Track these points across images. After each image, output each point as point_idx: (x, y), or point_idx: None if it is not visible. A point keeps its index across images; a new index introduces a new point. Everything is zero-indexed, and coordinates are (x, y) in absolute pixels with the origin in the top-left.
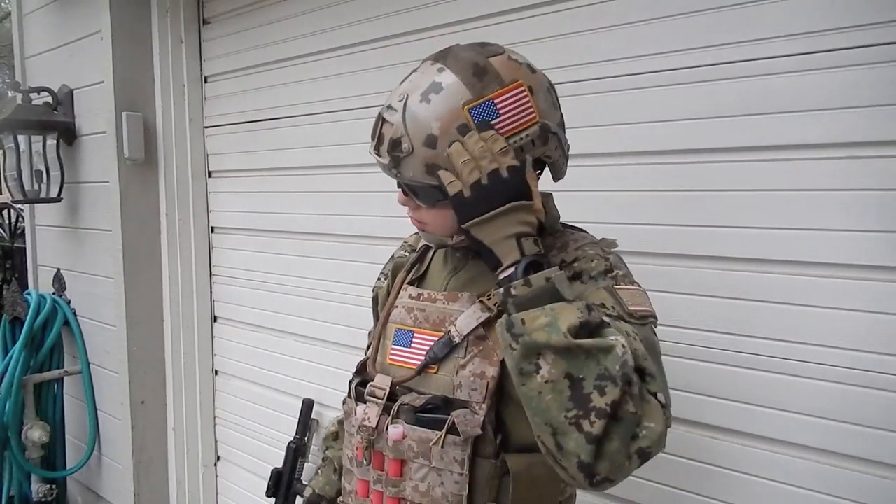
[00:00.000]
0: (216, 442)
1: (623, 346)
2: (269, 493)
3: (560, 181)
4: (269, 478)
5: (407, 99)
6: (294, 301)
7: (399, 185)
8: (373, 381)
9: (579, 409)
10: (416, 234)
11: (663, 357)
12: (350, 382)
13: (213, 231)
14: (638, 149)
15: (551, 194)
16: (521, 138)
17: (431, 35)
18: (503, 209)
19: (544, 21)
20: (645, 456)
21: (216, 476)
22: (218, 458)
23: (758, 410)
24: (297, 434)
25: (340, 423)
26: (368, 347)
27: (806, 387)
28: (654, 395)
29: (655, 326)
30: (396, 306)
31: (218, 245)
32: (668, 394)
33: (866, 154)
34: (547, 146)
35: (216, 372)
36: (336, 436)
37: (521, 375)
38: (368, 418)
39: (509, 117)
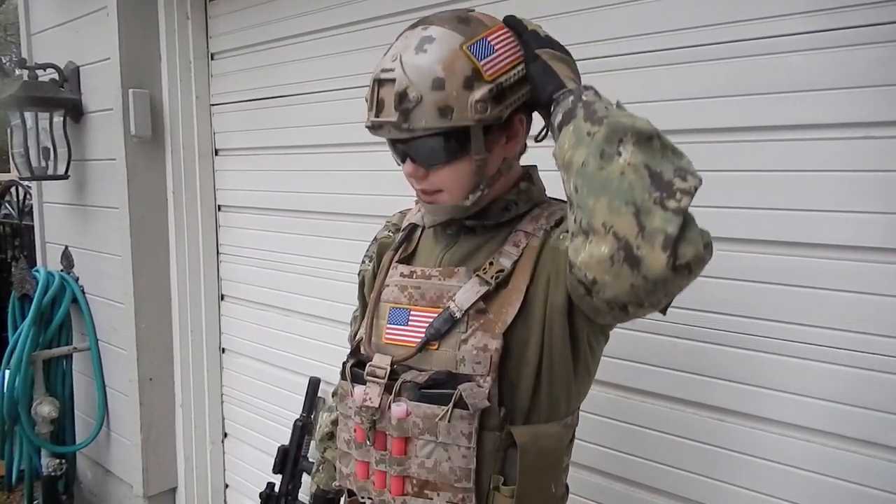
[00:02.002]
0: (223, 419)
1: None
2: (275, 470)
3: None
4: (276, 455)
5: (401, 57)
6: (301, 280)
7: (403, 157)
8: (370, 361)
9: (663, 191)
10: (401, 213)
11: (670, 339)
12: (344, 364)
13: (219, 209)
14: None
15: (535, 166)
16: (517, 73)
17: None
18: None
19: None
20: (710, 250)
21: (223, 452)
22: (225, 435)
23: (765, 393)
24: (303, 412)
25: (334, 422)
26: (357, 331)
27: (814, 369)
28: None
29: None
30: (387, 285)
31: (225, 223)
32: None
33: (878, 134)
34: None
35: (223, 350)
36: (332, 436)
37: (602, 158)
38: (370, 398)
39: (503, 53)
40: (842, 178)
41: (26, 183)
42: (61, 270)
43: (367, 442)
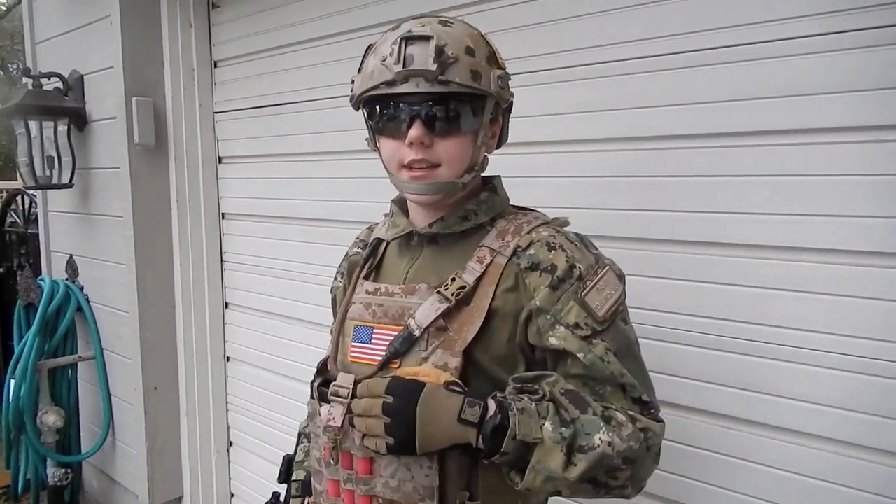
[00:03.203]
0: (228, 428)
1: (607, 442)
2: (280, 479)
3: (580, 167)
4: (281, 464)
5: (429, 24)
6: (304, 288)
7: (411, 121)
8: (335, 380)
9: (607, 490)
10: (368, 228)
11: (675, 346)
12: (312, 383)
13: (223, 217)
14: (649, 134)
15: (499, 176)
16: (510, 76)
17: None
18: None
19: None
20: (659, 452)
21: (229, 461)
22: (230, 444)
23: (769, 399)
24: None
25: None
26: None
27: (819, 376)
28: (639, 398)
29: (625, 299)
30: (354, 302)
31: (228, 231)
32: (651, 386)
33: (885, 138)
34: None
35: (228, 358)
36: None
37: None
38: (333, 418)
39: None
40: (856, 183)
41: (31, 192)
42: (66, 279)
43: (332, 462)
